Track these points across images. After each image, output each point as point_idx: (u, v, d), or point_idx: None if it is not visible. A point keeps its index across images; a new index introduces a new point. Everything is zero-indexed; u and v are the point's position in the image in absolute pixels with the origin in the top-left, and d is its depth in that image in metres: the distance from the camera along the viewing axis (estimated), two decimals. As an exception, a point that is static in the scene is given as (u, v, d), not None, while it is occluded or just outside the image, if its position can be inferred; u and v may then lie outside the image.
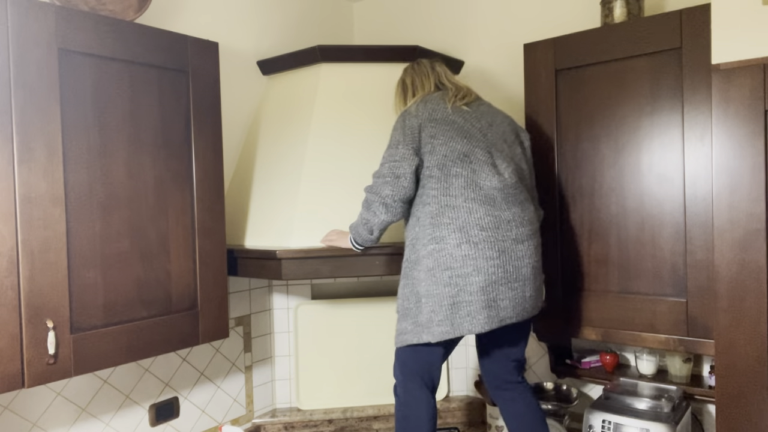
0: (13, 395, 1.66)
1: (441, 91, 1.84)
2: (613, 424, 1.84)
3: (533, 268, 1.71)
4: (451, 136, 1.71)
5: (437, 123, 1.72)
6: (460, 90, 1.84)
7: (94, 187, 1.53)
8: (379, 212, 1.73)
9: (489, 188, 1.67)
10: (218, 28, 2.26)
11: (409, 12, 2.74)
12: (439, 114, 1.74)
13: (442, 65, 1.93)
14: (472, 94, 1.84)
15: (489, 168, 1.69)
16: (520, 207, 1.71)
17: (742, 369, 1.45)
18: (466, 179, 1.67)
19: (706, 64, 1.66)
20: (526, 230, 1.70)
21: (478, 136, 1.73)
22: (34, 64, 1.41)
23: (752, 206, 1.42)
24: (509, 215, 1.68)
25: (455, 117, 1.74)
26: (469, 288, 1.62)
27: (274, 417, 2.37)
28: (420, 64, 1.94)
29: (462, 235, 1.64)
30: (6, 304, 1.36)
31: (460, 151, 1.69)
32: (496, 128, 1.79)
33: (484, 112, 1.81)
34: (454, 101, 1.78)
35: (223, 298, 1.85)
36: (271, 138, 2.25)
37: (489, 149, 1.72)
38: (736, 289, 1.45)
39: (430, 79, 1.89)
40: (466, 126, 1.74)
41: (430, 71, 1.91)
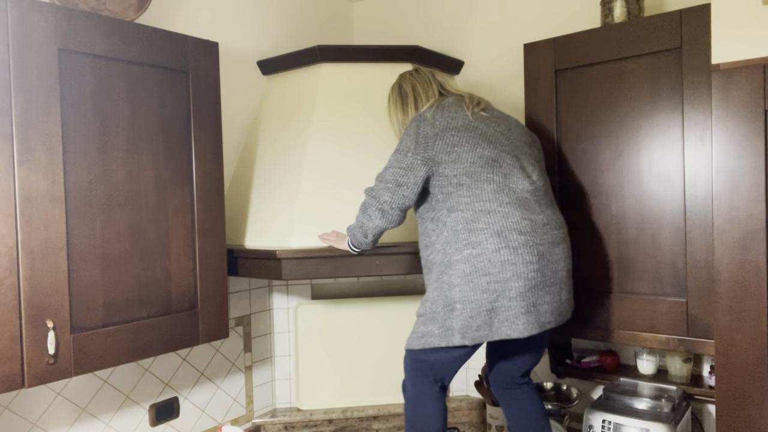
0: (13, 395, 1.66)
1: (455, 97, 1.80)
2: (613, 424, 1.84)
3: (567, 272, 1.70)
4: (477, 143, 1.67)
5: (459, 131, 1.68)
6: (474, 97, 1.81)
7: (94, 187, 1.53)
8: (375, 217, 1.71)
9: (522, 191, 1.65)
10: (218, 28, 2.26)
11: (409, 12, 2.74)
12: (459, 121, 1.70)
13: (441, 74, 1.90)
14: (483, 101, 1.81)
15: (519, 171, 1.67)
16: (551, 210, 1.70)
17: (742, 369, 1.45)
18: (498, 184, 1.65)
19: (706, 64, 1.66)
20: (559, 233, 1.69)
21: (502, 141, 1.71)
22: (34, 64, 1.41)
23: (752, 206, 1.42)
24: (544, 218, 1.66)
25: (477, 123, 1.71)
26: (508, 293, 1.59)
27: (274, 417, 2.37)
28: (420, 72, 1.90)
29: (501, 240, 1.60)
30: (6, 304, 1.36)
31: (488, 156, 1.66)
32: (515, 132, 1.77)
33: (499, 116, 1.79)
34: (473, 107, 1.75)
35: (223, 298, 1.85)
36: (271, 138, 2.25)
37: (515, 153, 1.70)
38: (736, 289, 1.45)
39: (432, 87, 1.85)
40: (489, 131, 1.71)
41: (432, 79, 1.87)
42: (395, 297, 2.43)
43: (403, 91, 1.88)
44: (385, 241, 1.99)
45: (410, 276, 2.42)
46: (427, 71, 1.90)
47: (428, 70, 1.91)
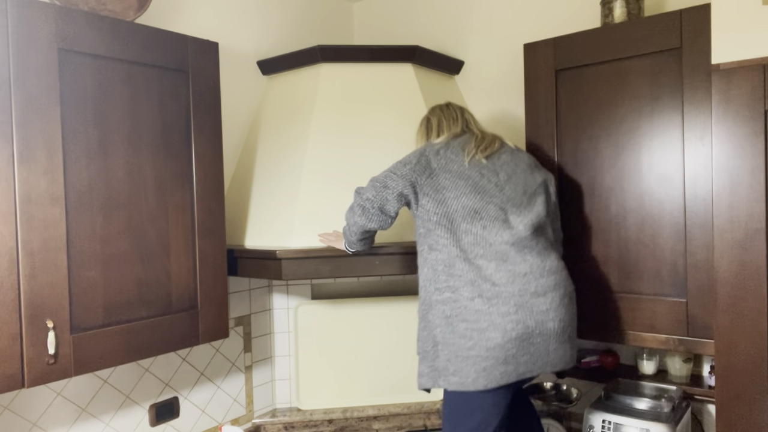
0: (13, 395, 1.66)
1: (466, 136, 1.80)
2: (613, 424, 1.84)
3: (560, 321, 1.62)
4: (464, 192, 1.66)
5: (452, 175, 1.68)
6: (485, 139, 1.78)
7: (94, 187, 1.53)
8: (356, 214, 1.73)
9: (500, 243, 1.62)
10: (218, 28, 2.26)
11: (409, 12, 2.74)
12: (455, 166, 1.70)
13: (470, 112, 1.90)
14: (495, 144, 1.78)
15: (500, 224, 1.64)
16: (539, 257, 1.64)
17: (742, 369, 1.45)
18: (475, 236, 1.63)
19: (706, 64, 1.66)
20: (547, 281, 1.62)
21: (492, 192, 1.68)
22: (34, 64, 1.41)
23: (752, 206, 1.42)
24: (525, 268, 1.61)
25: (471, 172, 1.69)
26: (485, 343, 1.57)
27: (274, 417, 2.37)
28: (450, 108, 1.89)
29: (474, 289, 1.59)
30: (6, 304, 1.36)
31: (471, 207, 1.65)
32: (516, 179, 1.73)
33: (504, 162, 1.75)
34: (474, 153, 1.73)
35: (223, 298, 1.85)
36: (272, 138, 2.25)
37: (503, 205, 1.67)
38: (736, 289, 1.45)
39: (457, 123, 1.84)
40: (481, 182, 1.69)
41: (459, 116, 1.86)
42: (395, 297, 2.43)
43: (430, 123, 1.87)
44: (384, 241, 1.99)
45: (410, 276, 2.41)
46: (458, 107, 1.89)
47: (459, 107, 1.90)
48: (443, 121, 1.85)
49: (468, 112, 1.89)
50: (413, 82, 2.22)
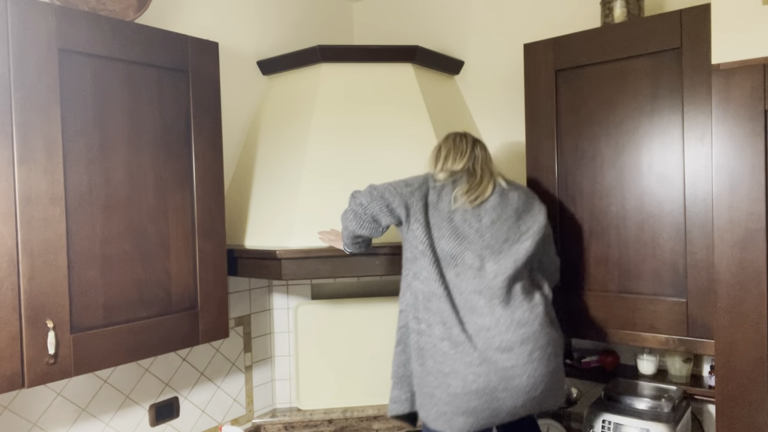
0: (13, 395, 1.66)
1: (464, 177, 1.73)
2: (613, 424, 1.84)
3: (530, 377, 1.54)
4: (443, 235, 1.65)
5: (440, 215, 1.67)
6: (480, 185, 1.71)
7: (94, 187, 1.53)
8: (349, 218, 1.74)
9: (469, 292, 1.60)
10: (218, 28, 2.26)
11: (409, 12, 2.74)
12: (444, 206, 1.68)
13: (482, 149, 1.82)
14: (487, 191, 1.70)
15: (473, 272, 1.61)
16: (507, 310, 1.58)
17: (742, 369, 1.45)
18: (447, 281, 1.62)
19: (706, 64, 1.66)
20: (513, 336, 1.55)
21: (472, 238, 1.65)
22: (34, 64, 1.41)
23: (752, 206, 1.42)
24: (491, 321, 1.56)
25: (455, 215, 1.67)
26: (446, 389, 1.55)
27: (274, 417, 2.37)
28: (463, 139, 1.82)
29: (445, 331, 1.58)
30: (6, 304, 1.36)
31: (449, 252, 1.63)
32: (500, 226, 1.67)
33: (491, 206, 1.68)
34: (463, 201, 1.68)
35: (223, 298, 1.85)
36: (272, 138, 2.25)
37: (481, 252, 1.64)
38: (736, 289, 1.45)
39: (463, 159, 1.77)
40: (462, 227, 1.66)
41: (468, 150, 1.79)
42: (395, 297, 2.43)
43: (439, 153, 1.82)
44: (385, 241, 1.99)
45: (410, 276, 2.41)
46: (471, 140, 1.82)
47: (472, 140, 1.82)
48: (450, 154, 1.79)
49: (480, 145, 1.82)
50: (413, 82, 2.22)
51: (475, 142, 1.82)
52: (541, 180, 1.99)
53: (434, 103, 2.27)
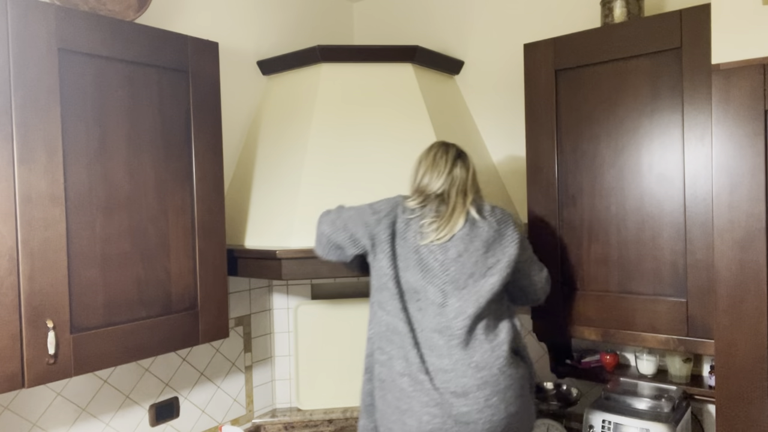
0: (13, 395, 1.66)
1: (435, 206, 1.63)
2: (613, 424, 1.84)
3: (485, 423, 1.48)
4: (408, 266, 1.59)
5: (406, 244, 1.60)
6: (450, 218, 1.60)
7: (94, 187, 1.53)
8: (315, 241, 1.78)
9: (429, 330, 1.55)
10: (218, 28, 2.26)
11: (409, 12, 2.74)
12: (410, 235, 1.61)
13: (464, 167, 1.68)
14: (457, 225, 1.59)
15: (434, 309, 1.55)
16: (466, 352, 1.52)
17: (742, 369, 1.45)
18: (409, 315, 1.57)
19: (706, 64, 1.66)
20: (472, 380, 1.49)
21: (436, 271, 1.57)
22: (34, 64, 1.41)
23: (752, 206, 1.42)
24: (449, 363, 1.51)
25: (421, 246, 1.59)
26: (402, 426, 1.52)
27: (274, 417, 2.37)
28: (444, 157, 1.69)
29: (406, 367, 1.54)
30: (6, 304, 1.36)
31: (413, 285, 1.58)
32: (466, 259, 1.57)
33: (459, 237, 1.59)
34: (433, 238, 1.58)
35: (223, 298, 1.85)
36: (271, 138, 2.25)
37: (444, 287, 1.56)
38: (736, 289, 1.45)
39: (439, 180, 1.66)
40: (428, 259, 1.58)
41: (446, 173, 1.67)
42: (395, 297, 2.43)
43: (419, 169, 1.72)
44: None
45: (410, 276, 2.41)
46: (452, 158, 1.69)
47: (454, 157, 1.70)
48: (428, 172, 1.68)
49: (462, 164, 1.69)
50: (413, 82, 2.22)
51: (456, 160, 1.69)
52: (541, 180, 1.99)
53: (434, 103, 2.27)
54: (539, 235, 1.99)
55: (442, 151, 1.71)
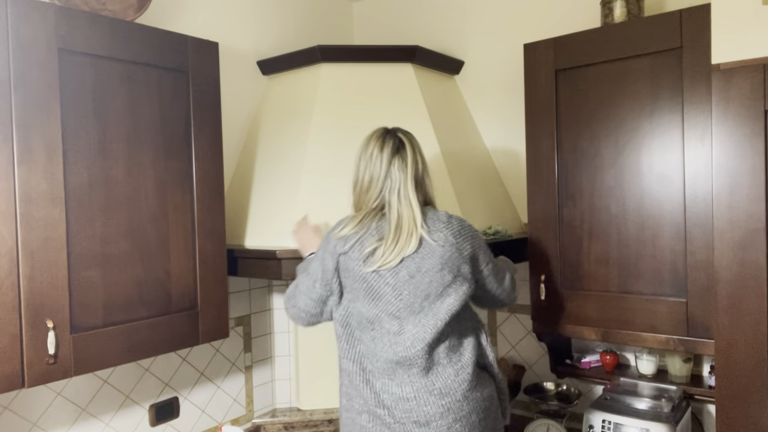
0: (13, 395, 1.66)
1: (377, 224, 1.49)
2: (613, 424, 1.84)
3: None
4: (358, 296, 1.49)
5: (349, 275, 1.50)
6: (397, 241, 1.44)
7: (94, 187, 1.53)
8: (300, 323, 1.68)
9: (385, 360, 1.46)
10: (218, 28, 2.26)
11: (409, 12, 2.74)
12: (351, 264, 1.48)
13: (402, 164, 1.49)
14: (409, 247, 1.44)
15: (390, 338, 1.46)
16: (430, 378, 1.44)
17: (742, 369, 1.45)
18: (367, 347, 1.49)
19: (706, 64, 1.66)
20: (434, 408, 1.43)
21: (388, 297, 1.46)
22: (34, 64, 1.41)
23: (752, 206, 1.42)
24: (409, 392, 1.44)
25: (366, 273, 1.47)
26: None
27: (274, 417, 2.37)
28: (380, 155, 1.51)
29: (363, 404, 1.49)
30: (6, 304, 1.36)
31: (365, 315, 1.48)
32: (419, 279, 1.44)
33: (411, 257, 1.45)
34: (380, 264, 1.44)
35: (223, 298, 1.85)
36: (271, 138, 2.25)
37: (398, 313, 1.46)
38: (736, 289, 1.45)
39: (376, 188, 1.51)
40: (377, 285, 1.46)
41: (382, 176, 1.50)
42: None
43: (358, 168, 1.58)
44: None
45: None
46: (387, 156, 1.51)
47: (390, 154, 1.51)
48: (364, 181, 1.54)
49: (400, 159, 1.50)
50: (413, 82, 2.22)
51: (393, 157, 1.50)
52: (541, 180, 1.99)
53: (434, 103, 2.27)
54: (539, 235, 1.99)
55: (379, 145, 1.53)
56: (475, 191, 2.23)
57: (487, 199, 2.28)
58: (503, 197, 2.40)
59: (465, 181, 2.20)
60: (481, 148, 2.48)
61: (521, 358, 2.44)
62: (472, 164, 2.32)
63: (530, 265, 2.02)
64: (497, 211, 2.30)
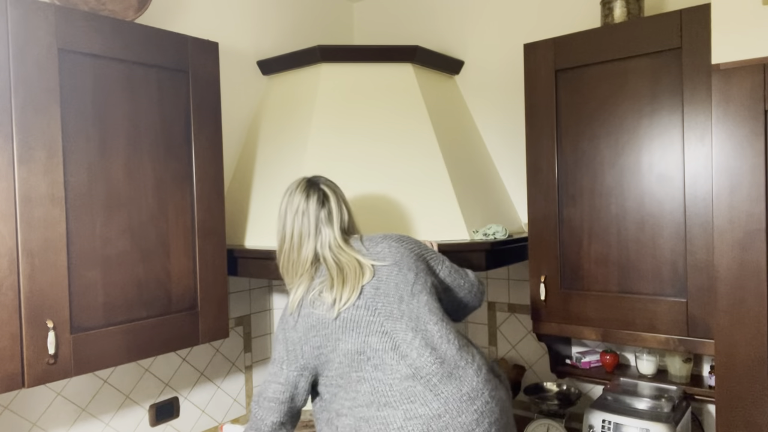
0: (13, 395, 1.66)
1: (320, 275, 1.47)
2: (613, 424, 1.83)
3: None
4: (338, 338, 1.40)
5: (317, 330, 1.42)
6: (344, 283, 1.43)
7: (94, 187, 1.53)
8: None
9: (399, 381, 1.35)
10: (218, 28, 2.26)
11: (409, 12, 2.74)
12: (314, 319, 1.43)
13: (329, 221, 1.52)
14: (363, 277, 1.44)
15: (390, 355, 1.37)
16: (454, 383, 1.35)
17: (742, 369, 1.45)
18: (371, 382, 1.37)
19: (706, 64, 1.66)
20: (468, 417, 1.33)
21: (366, 318, 1.40)
22: (34, 64, 1.41)
23: (752, 206, 1.42)
24: (438, 407, 1.32)
25: (331, 314, 1.41)
26: None
27: (274, 417, 2.37)
28: (309, 206, 1.53)
29: None
30: (6, 304, 1.36)
31: (351, 350, 1.39)
32: (386, 287, 1.43)
33: (366, 281, 1.45)
34: (339, 306, 1.41)
35: (223, 298, 1.85)
36: (271, 138, 2.25)
37: (382, 328, 1.39)
38: (736, 289, 1.45)
39: (307, 248, 1.51)
40: (349, 315, 1.41)
41: (314, 233, 1.51)
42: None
43: (283, 233, 1.57)
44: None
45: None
46: (304, 204, 1.54)
47: (305, 204, 1.54)
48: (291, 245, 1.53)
49: (326, 221, 1.52)
50: (413, 82, 2.22)
51: (320, 209, 1.52)
52: (541, 180, 1.99)
53: (434, 103, 2.27)
54: (539, 235, 1.99)
55: (304, 199, 1.54)
56: (475, 191, 2.23)
57: (487, 198, 2.28)
58: (503, 197, 2.40)
59: (465, 181, 2.20)
60: (481, 148, 2.48)
61: (521, 358, 2.44)
62: (471, 164, 2.32)
63: (530, 265, 2.02)
64: (497, 211, 2.30)
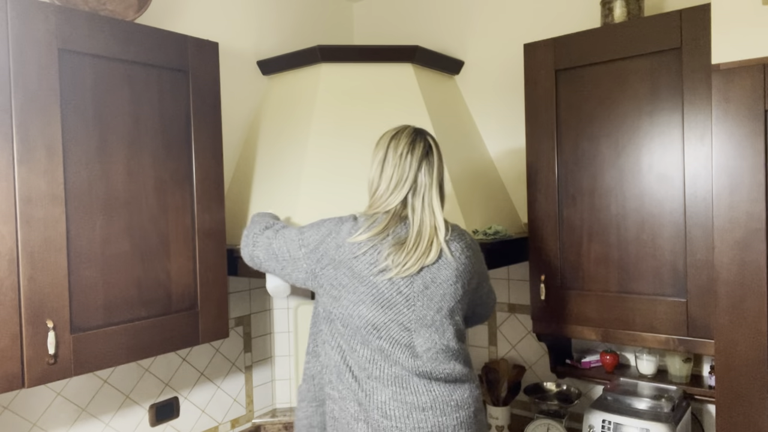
0: (13, 395, 1.66)
1: (395, 235, 1.41)
2: (613, 424, 1.84)
3: None
4: (363, 300, 1.37)
5: (351, 275, 1.39)
6: (416, 248, 1.38)
7: (94, 187, 1.53)
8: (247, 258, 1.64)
9: (401, 369, 1.37)
10: (218, 28, 2.26)
11: (409, 12, 2.74)
12: (359, 266, 1.39)
13: (429, 168, 1.45)
14: (429, 257, 1.39)
15: (402, 349, 1.38)
16: (447, 387, 1.39)
17: (742, 369, 1.45)
18: (372, 353, 1.38)
19: (706, 64, 1.66)
20: (448, 420, 1.37)
21: (399, 307, 1.38)
22: (34, 64, 1.41)
23: (752, 206, 1.42)
24: (427, 400, 1.36)
25: (378, 277, 1.38)
26: None
27: (274, 417, 2.37)
28: (409, 155, 1.45)
29: (361, 411, 1.37)
30: (6, 304, 1.36)
31: (370, 321, 1.37)
32: (433, 291, 1.40)
33: (426, 267, 1.41)
34: (394, 273, 1.37)
35: (223, 298, 1.85)
36: (271, 138, 2.25)
37: (409, 324, 1.38)
38: (736, 289, 1.45)
39: (401, 192, 1.43)
40: (389, 292, 1.38)
41: (410, 179, 1.43)
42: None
43: (385, 164, 1.48)
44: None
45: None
46: (419, 156, 1.46)
47: (420, 156, 1.46)
48: (387, 179, 1.45)
49: (426, 168, 1.45)
50: (413, 82, 2.22)
51: (422, 161, 1.45)
52: (541, 180, 1.99)
53: (434, 103, 2.27)
54: (539, 235, 1.99)
55: (409, 146, 1.46)
56: (475, 191, 2.23)
57: (487, 198, 2.28)
58: (503, 197, 2.40)
59: (465, 181, 2.20)
60: (481, 147, 2.48)
61: (521, 358, 2.44)
62: (472, 164, 2.32)
63: (530, 265, 2.02)
64: (497, 211, 2.30)
